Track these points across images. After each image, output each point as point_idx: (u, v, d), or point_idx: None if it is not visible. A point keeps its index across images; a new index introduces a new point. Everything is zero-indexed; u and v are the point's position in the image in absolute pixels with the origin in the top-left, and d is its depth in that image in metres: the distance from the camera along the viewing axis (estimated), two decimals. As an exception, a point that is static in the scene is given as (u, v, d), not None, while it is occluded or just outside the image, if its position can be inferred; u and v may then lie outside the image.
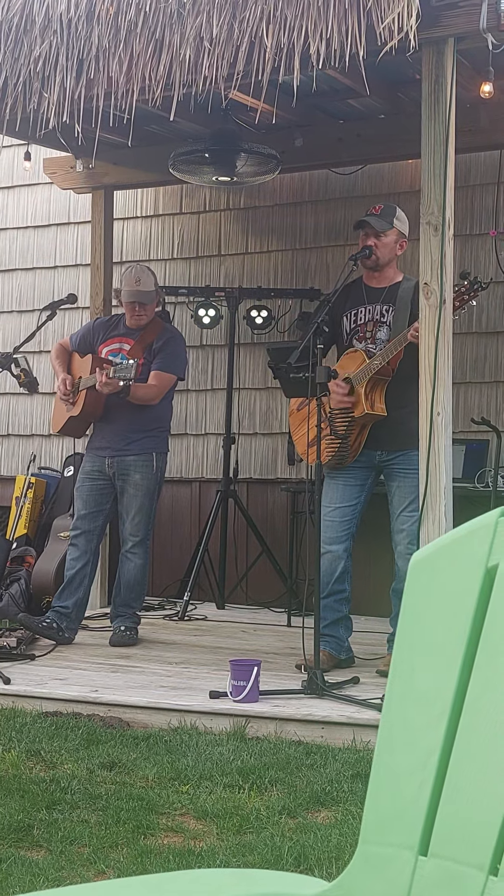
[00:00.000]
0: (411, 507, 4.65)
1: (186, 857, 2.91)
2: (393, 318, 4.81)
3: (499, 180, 6.13)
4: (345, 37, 3.86)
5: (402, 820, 1.33)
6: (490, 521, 1.32)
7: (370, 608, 5.69)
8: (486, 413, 6.01)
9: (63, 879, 2.77)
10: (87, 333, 5.74)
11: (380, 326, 4.84)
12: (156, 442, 5.55)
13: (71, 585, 5.46)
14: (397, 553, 4.76)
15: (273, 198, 6.75)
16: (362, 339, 4.87)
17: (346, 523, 4.82)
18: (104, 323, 5.79)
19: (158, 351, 5.53)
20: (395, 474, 4.79)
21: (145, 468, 5.48)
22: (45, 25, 4.37)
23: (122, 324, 5.65)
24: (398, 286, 4.87)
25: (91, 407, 5.46)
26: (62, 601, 5.44)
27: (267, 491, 6.72)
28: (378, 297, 4.88)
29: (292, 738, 3.99)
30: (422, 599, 1.40)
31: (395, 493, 4.79)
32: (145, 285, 5.51)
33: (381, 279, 4.91)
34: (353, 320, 4.90)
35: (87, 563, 5.51)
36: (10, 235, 7.48)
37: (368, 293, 4.90)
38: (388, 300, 4.85)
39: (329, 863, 2.84)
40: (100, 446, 5.56)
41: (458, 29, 4.03)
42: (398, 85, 5.38)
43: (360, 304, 4.89)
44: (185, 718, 4.16)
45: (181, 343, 5.71)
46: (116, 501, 5.56)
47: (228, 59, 4.07)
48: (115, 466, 5.49)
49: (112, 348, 5.59)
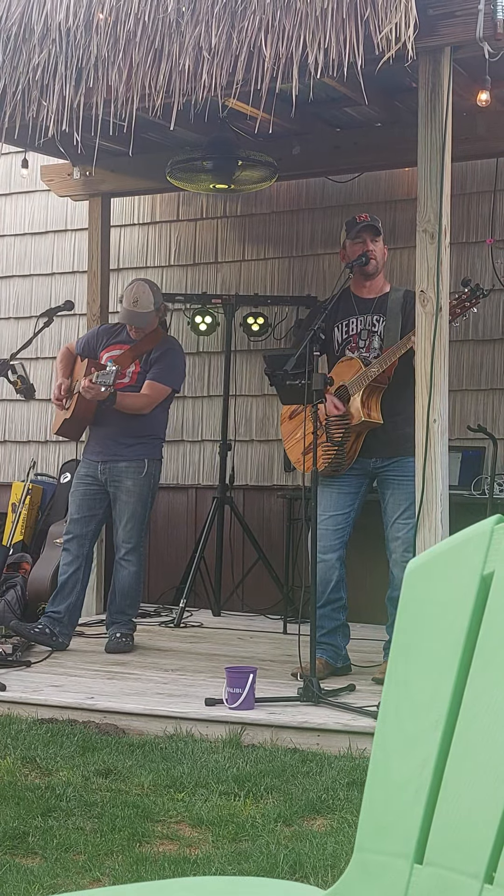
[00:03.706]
0: (406, 514, 4.66)
1: (182, 865, 2.91)
2: (384, 328, 4.83)
3: (495, 188, 6.15)
4: (343, 46, 3.88)
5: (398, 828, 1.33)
6: (486, 529, 1.32)
7: (366, 616, 5.69)
8: (483, 420, 6.02)
9: (58, 887, 2.77)
10: (91, 339, 5.74)
11: (372, 336, 4.85)
12: (148, 449, 5.53)
13: (63, 590, 5.46)
14: (392, 561, 4.76)
15: (270, 205, 6.77)
16: (355, 348, 4.88)
17: (340, 531, 4.82)
18: (108, 329, 5.79)
19: (155, 361, 5.51)
20: (389, 482, 4.80)
21: (137, 474, 5.47)
22: (43, 34, 4.38)
23: (125, 331, 5.64)
24: (387, 296, 4.90)
25: (81, 411, 5.45)
26: (55, 606, 5.44)
27: (263, 498, 6.73)
28: (368, 307, 4.90)
29: (288, 745, 3.99)
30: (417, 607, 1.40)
31: (390, 500, 4.79)
32: (142, 306, 5.46)
33: (371, 289, 4.93)
34: (344, 330, 4.91)
35: (79, 567, 5.49)
36: (7, 242, 7.49)
37: (358, 303, 4.91)
38: (379, 310, 4.88)
39: (325, 871, 2.84)
40: (93, 452, 5.56)
41: (455, 38, 4.04)
42: (395, 94, 5.40)
43: (351, 314, 4.90)
44: (180, 726, 4.15)
45: (180, 355, 5.69)
46: (110, 507, 5.57)
47: (227, 69, 4.08)
48: (107, 472, 5.49)
49: (112, 354, 5.58)
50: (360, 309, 4.90)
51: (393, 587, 4.76)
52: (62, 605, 5.42)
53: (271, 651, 5.47)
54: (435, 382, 4.28)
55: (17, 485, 6.93)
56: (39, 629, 5.35)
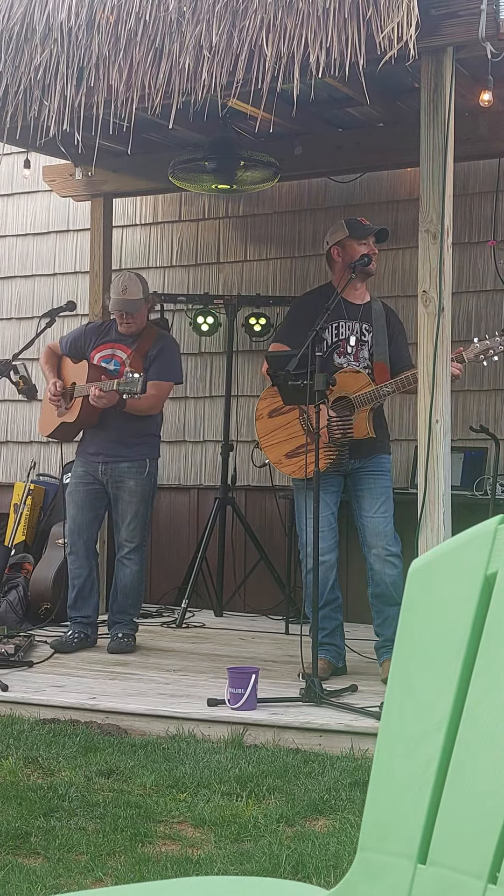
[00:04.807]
0: (383, 507, 4.71)
1: (184, 865, 2.91)
2: (373, 338, 4.87)
3: (497, 189, 6.15)
4: (344, 46, 3.88)
5: (401, 828, 1.33)
6: (489, 529, 1.32)
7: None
8: (485, 421, 6.02)
9: (61, 887, 2.77)
10: (79, 338, 5.69)
11: (362, 346, 4.88)
12: (149, 448, 5.55)
13: (82, 594, 5.52)
14: (373, 556, 4.74)
15: (272, 206, 6.76)
16: (342, 353, 4.87)
17: (334, 531, 4.83)
18: (96, 328, 5.73)
19: (154, 359, 5.51)
20: (365, 478, 4.82)
21: (139, 474, 5.48)
22: (45, 34, 4.38)
23: (115, 329, 5.61)
24: (370, 306, 4.96)
25: (87, 415, 5.44)
26: (81, 612, 5.52)
27: (265, 498, 6.72)
28: (356, 313, 4.92)
29: (290, 745, 3.99)
30: (420, 607, 1.40)
31: (365, 495, 4.79)
32: (132, 294, 5.45)
33: (359, 295, 4.98)
34: (334, 334, 4.91)
35: (91, 568, 5.57)
36: (9, 243, 7.49)
37: (347, 308, 4.92)
38: (366, 318, 4.92)
39: (327, 871, 2.84)
40: (93, 452, 5.54)
41: (457, 38, 4.04)
42: (397, 94, 5.40)
43: (340, 318, 4.89)
44: (182, 726, 4.15)
45: (175, 349, 5.72)
46: (109, 507, 5.57)
47: (228, 68, 4.08)
48: (108, 473, 5.49)
49: (104, 354, 5.56)
50: (349, 314, 4.91)
51: (375, 583, 4.74)
52: (89, 608, 5.55)
53: (273, 652, 5.46)
54: (437, 383, 4.27)
55: (18, 485, 6.93)
56: (77, 639, 5.46)
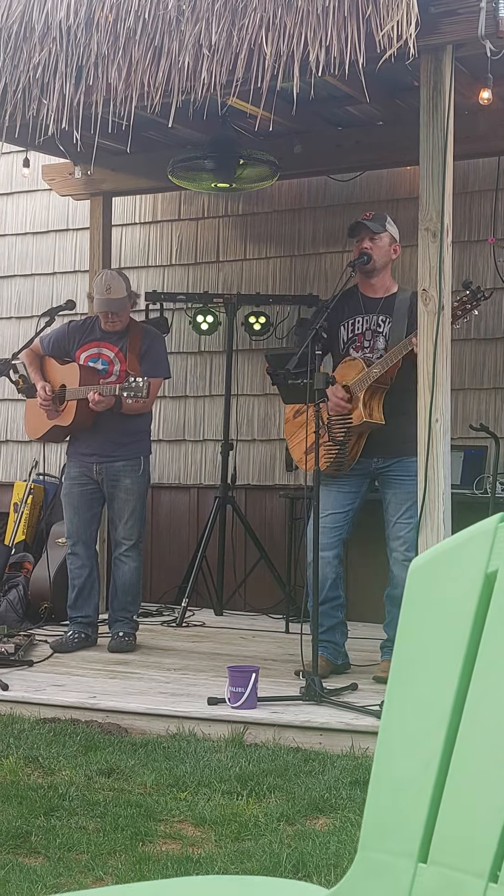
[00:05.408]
0: (408, 514, 4.66)
1: (185, 864, 2.91)
2: (389, 329, 4.82)
3: (497, 187, 6.14)
4: (344, 44, 3.87)
5: (402, 827, 1.32)
6: (489, 527, 1.32)
7: (366, 614, 5.68)
8: (485, 419, 6.02)
9: (61, 886, 2.77)
10: (62, 338, 5.64)
11: (377, 337, 4.84)
12: (142, 446, 5.57)
13: (83, 594, 5.53)
14: (392, 559, 4.76)
15: (272, 204, 6.76)
16: (359, 348, 4.86)
17: (338, 529, 4.82)
18: (79, 327, 5.68)
19: (144, 357, 5.50)
20: (391, 481, 4.79)
21: (135, 472, 5.49)
22: (44, 32, 4.37)
23: (98, 327, 5.57)
24: (395, 297, 4.87)
25: (83, 418, 5.43)
26: (82, 612, 5.53)
27: (265, 497, 6.72)
28: (375, 307, 4.88)
29: (290, 744, 3.99)
30: (421, 605, 1.39)
31: (391, 500, 4.79)
32: (116, 292, 5.41)
33: (378, 288, 4.91)
34: (350, 329, 4.89)
35: (91, 568, 5.57)
36: (8, 242, 7.48)
37: (366, 303, 4.90)
38: (386, 311, 4.85)
39: (328, 870, 2.83)
40: (87, 453, 5.52)
41: (457, 36, 4.04)
42: (397, 92, 5.40)
43: (357, 313, 4.88)
44: (183, 725, 4.15)
45: (162, 343, 5.73)
46: (105, 506, 5.58)
47: (227, 66, 4.08)
48: (103, 473, 5.48)
49: (90, 353, 5.53)
50: (366, 308, 4.88)
51: (393, 585, 4.76)
52: (89, 608, 5.55)
53: (273, 650, 5.46)
54: (437, 381, 4.27)
55: (19, 484, 6.93)
56: (77, 640, 5.45)
